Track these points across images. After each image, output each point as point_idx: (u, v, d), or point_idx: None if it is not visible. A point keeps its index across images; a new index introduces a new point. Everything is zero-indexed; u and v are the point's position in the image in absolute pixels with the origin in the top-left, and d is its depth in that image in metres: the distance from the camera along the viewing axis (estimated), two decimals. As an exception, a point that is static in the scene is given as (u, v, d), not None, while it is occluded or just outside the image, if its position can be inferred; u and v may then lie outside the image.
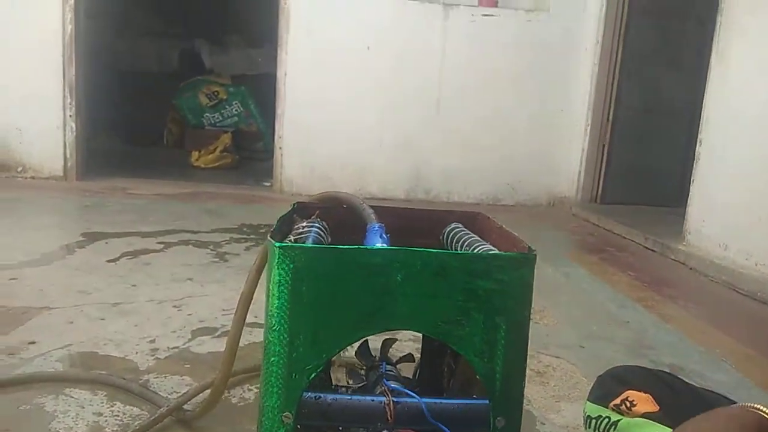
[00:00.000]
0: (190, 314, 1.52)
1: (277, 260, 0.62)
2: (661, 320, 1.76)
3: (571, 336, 1.57)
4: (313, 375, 0.64)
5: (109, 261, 1.93)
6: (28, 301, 1.53)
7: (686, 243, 2.55)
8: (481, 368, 0.66)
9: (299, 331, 0.62)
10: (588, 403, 0.90)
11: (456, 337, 0.65)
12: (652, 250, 2.65)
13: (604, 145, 3.56)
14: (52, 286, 1.67)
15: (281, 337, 0.63)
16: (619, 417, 0.83)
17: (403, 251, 0.63)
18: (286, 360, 0.63)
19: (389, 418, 0.66)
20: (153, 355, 1.28)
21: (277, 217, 0.80)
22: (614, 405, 0.85)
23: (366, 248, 0.64)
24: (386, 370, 0.79)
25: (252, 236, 2.41)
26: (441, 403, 0.69)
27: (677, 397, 0.81)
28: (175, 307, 1.57)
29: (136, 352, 1.28)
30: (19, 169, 3.37)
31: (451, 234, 0.85)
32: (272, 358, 0.63)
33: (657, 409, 0.80)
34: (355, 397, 0.68)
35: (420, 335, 0.99)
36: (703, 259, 2.38)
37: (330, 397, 0.67)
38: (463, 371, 0.89)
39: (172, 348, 1.32)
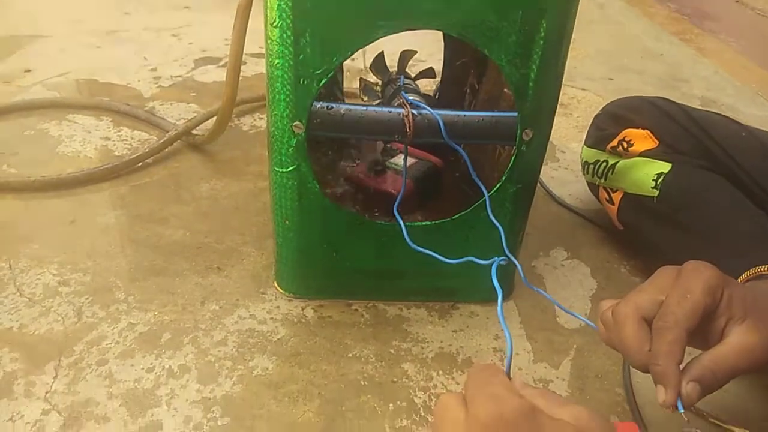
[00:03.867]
0: (190, 43, 1.42)
1: (272, -65, 0.50)
2: (699, 54, 1.63)
3: (599, 69, 1.47)
4: (323, 81, 0.56)
5: (97, -13, 1.76)
6: (17, 30, 1.42)
7: (738, -29, 2.27)
8: (513, 76, 0.58)
9: (304, 28, 0.53)
10: (585, 148, 0.84)
11: (488, 38, 0.56)
12: (698, -19, 2.38)
13: None
14: (40, 13, 1.54)
15: (284, 35, 0.54)
16: (616, 159, 0.77)
17: (429, -75, 0.50)
18: (292, 63, 0.55)
19: (408, 129, 0.60)
20: (156, 83, 1.21)
21: None
22: (611, 147, 0.78)
23: None
24: (404, 84, 0.72)
25: (252, -38, 2.17)
26: (464, 115, 0.63)
27: (676, 127, 0.73)
28: (174, 36, 1.46)
29: (138, 80, 1.22)
30: None
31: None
32: (276, 61, 0.55)
33: (656, 145, 0.73)
34: (371, 108, 0.61)
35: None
36: (754, -11, 2.14)
37: (344, 107, 0.60)
38: (487, 90, 0.82)
39: (176, 77, 1.25)
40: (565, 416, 0.31)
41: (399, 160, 0.81)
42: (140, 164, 0.93)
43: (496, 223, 0.60)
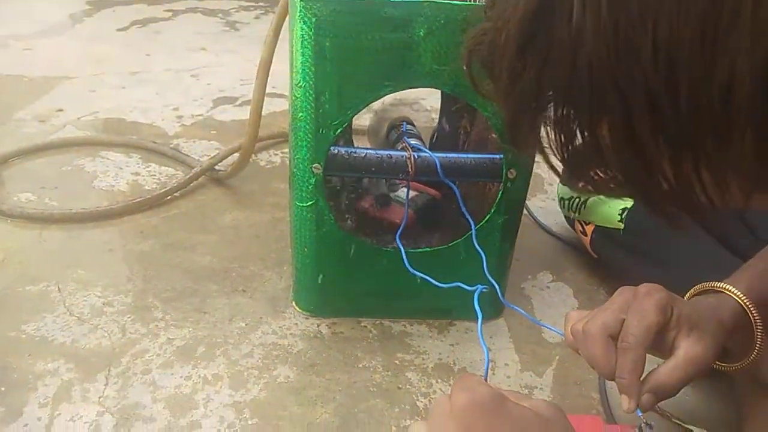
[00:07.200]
0: (208, 84, 1.54)
1: (299, 14, 0.61)
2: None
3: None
4: (339, 130, 0.67)
5: (119, 30, 1.89)
6: (46, 71, 1.54)
7: None
8: (498, 124, 0.68)
9: (324, 88, 0.64)
10: (559, 185, 0.95)
11: (475, 93, 0.66)
12: None
13: None
14: (67, 55, 1.66)
15: (307, 93, 0.64)
16: (588, 195, 0.88)
17: (427, 4, 0.61)
18: (313, 116, 0.66)
19: (410, 170, 0.71)
20: (179, 122, 1.32)
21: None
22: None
23: (389, 0, 0.62)
24: (407, 130, 0.82)
25: (260, 3, 2.31)
26: (457, 157, 0.73)
27: None
28: (192, 76, 1.58)
29: (162, 119, 1.33)
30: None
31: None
32: (300, 114, 0.66)
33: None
34: (379, 152, 0.72)
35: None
36: None
37: (356, 151, 0.71)
38: (478, 133, 0.92)
39: (197, 115, 1.36)
40: (527, 405, 0.41)
41: (401, 192, 0.91)
42: (168, 197, 1.03)
43: (480, 252, 0.70)
